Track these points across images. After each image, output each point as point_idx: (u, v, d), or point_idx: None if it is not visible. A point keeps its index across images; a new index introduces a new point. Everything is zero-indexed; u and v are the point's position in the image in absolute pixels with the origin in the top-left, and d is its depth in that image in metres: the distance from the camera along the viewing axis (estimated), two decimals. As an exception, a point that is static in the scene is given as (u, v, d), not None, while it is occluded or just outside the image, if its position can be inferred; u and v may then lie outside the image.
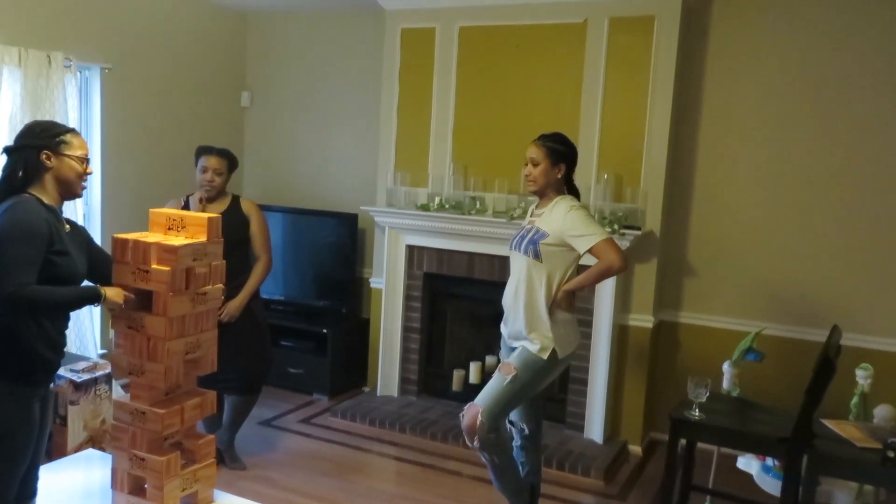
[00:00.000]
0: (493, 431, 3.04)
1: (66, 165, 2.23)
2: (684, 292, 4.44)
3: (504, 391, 3.04)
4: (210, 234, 2.02)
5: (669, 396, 4.33)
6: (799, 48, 4.07)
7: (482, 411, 3.01)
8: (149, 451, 1.99)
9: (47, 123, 2.30)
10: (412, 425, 4.46)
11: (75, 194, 2.31)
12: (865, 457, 2.69)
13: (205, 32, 5.34)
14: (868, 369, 3.31)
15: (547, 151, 3.07)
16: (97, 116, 4.64)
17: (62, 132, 2.25)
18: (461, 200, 4.50)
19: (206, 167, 3.71)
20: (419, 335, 4.82)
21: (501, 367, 3.10)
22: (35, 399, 2.20)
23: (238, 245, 3.67)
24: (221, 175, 3.74)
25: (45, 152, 2.20)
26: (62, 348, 2.30)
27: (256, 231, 3.81)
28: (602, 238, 2.95)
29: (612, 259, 2.93)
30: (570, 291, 3.05)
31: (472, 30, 4.53)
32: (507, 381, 3.03)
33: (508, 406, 3.09)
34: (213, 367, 2.14)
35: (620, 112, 4.20)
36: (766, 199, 4.21)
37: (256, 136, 5.70)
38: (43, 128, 2.26)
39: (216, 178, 3.71)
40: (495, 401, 3.03)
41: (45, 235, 2.12)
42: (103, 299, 2.08)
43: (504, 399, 3.05)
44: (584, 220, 3.01)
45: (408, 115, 4.75)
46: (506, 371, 3.05)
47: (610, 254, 2.93)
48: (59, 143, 2.22)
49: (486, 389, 3.09)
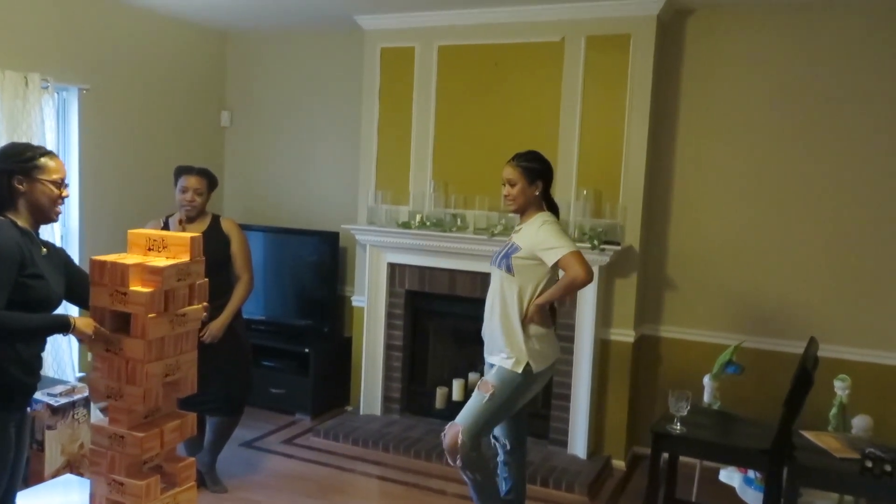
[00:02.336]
0: (475, 450, 3.04)
1: (38, 190, 2.21)
2: (664, 306, 4.47)
3: (483, 409, 3.05)
4: (193, 253, 2.02)
5: (652, 410, 4.35)
6: (773, 62, 4.14)
7: (463, 430, 3.02)
8: (128, 476, 1.97)
9: (22, 146, 2.29)
10: (395, 444, 4.44)
11: (49, 219, 2.29)
12: (844, 467, 2.72)
13: (184, 52, 5.34)
14: (846, 380, 3.35)
15: (522, 171, 3.11)
16: (75, 137, 4.61)
17: (36, 156, 2.24)
18: (442, 218, 4.51)
19: (186, 187, 3.69)
20: (401, 353, 4.81)
21: (480, 384, 3.12)
22: (10, 423, 2.17)
23: (219, 265, 3.65)
24: (202, 195, 3.72)
25: (17, 177, 2.19)
26: (38, 371, 2.27)
27: (237, 250, 3.79)
28: (568, 251, 2.98)
29: (576, 272, 2.95)
30: (541, 305, 3.07)
31: (451, 49, 4.57)
32: (486, 398, 3.04)
33: (489, 424, 3.10)
34: (193, 389, 2.13)
35: (599, 128, 4.25)
36: (744, 212, 4.26)
37: (236, 156, 5.69)
38: (17, 151, 2.25)
39: (196, 198, 3.70)
40: (475, 419, 3.04)
41: (15, 258, 2.10)
42: (72, 328, 2.06)
43: (484, 417, 3.05)
44: (555, 233, 3.04)
45: (388, 134, 4.77)
46: (484, 389, 3.07)
47: (575, 266, 2.95)
48: (33, 168, 2.21)
49: (466, 408, 3.11)
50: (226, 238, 3.77)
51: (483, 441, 3.12)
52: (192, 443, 3.79)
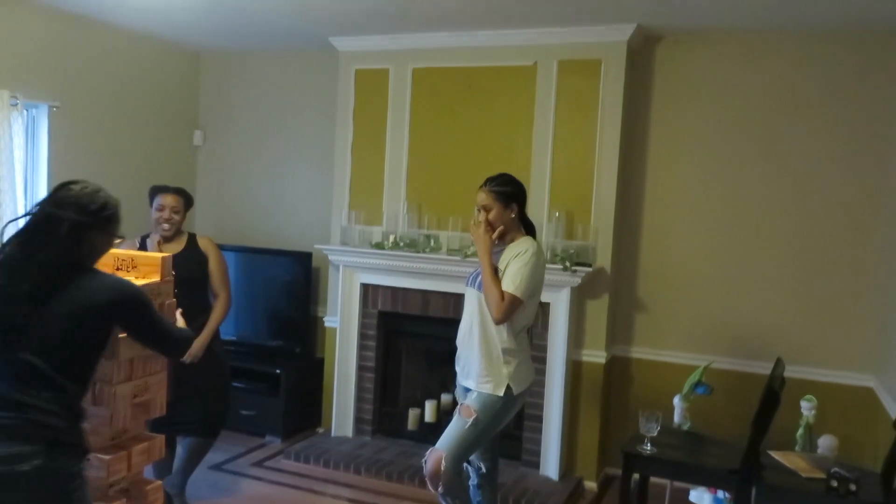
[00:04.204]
0: (457, 475, 3.04)
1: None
2: (635, 327, 4.51)
3: (466, 434, 3.03)
4: (163, 273, 2.01)
5: (623, 431, 4.37)
6: (741, 86, 4.23)
7: (445, 456, 3.00)
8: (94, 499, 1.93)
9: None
10: (367, 466, 4.41)
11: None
12: (811, 487, 2.76)
13: (156, 71, 5.31)
14: (812, 400, 3.41)
15: (496, 196, 3.12)
16: (44, 155, 4.55)
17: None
18: (415, 239, 4.52)
19: (163, 205, 3.67)
20: (374, 374, 4.79)
21: (461, 409, 3.10)
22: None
23: (197, 284, 3.63)
24: (178, 213, 3.70)
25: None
26: None
27: (215, 268, 3.77)
28: (513, 294, 2.99)
29: (495, 308, 3.00)
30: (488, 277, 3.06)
31: (425, 71, 4.61)
32: (469, 423, 3.03)
33: (471, 449, 3.10)
34: (162, 411, 2.11)
35: (571, 151, 4.30)
36: (713, 234, 4.33)
37: (209, 176, 5.66)
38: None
39: (174, 216, 3.68)
40: (458, 444, 3.03)
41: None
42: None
43: (467, 442, 3.05)
44: (528, 274, 3.02)
45: (362, 155, 4.79)
46: (466, 414, 3.05)
47: (501, 305, 2.98)
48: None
49: (447, 433, 3.08)
50: (203, 256, 3.75)
51: (462, 466, 3.11)
52: (161, 464, 3.71)
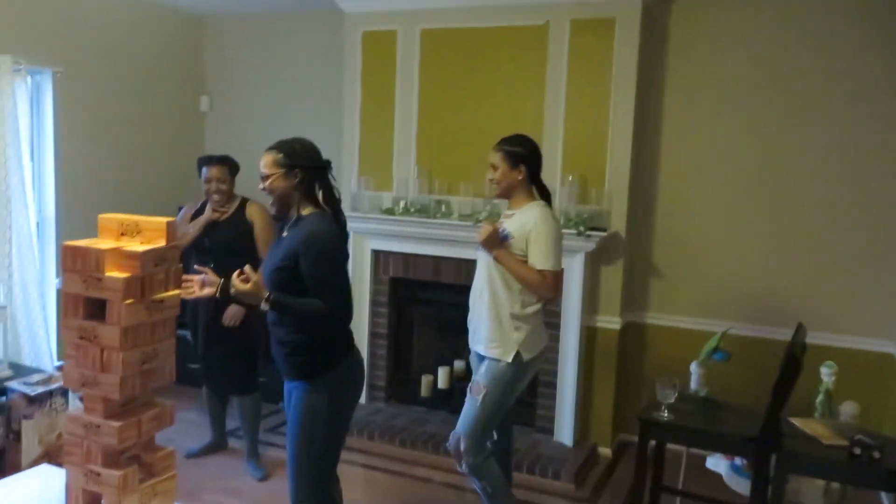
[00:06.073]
0: (480, 455, 3.04)
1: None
2: (651, 293, 4.45)
3: (479, 412, 3.04)
4: (168, 238, 1.95)
5: (638, 398, 4.33)
6: (759, 47, 4.12)
7: (463, 437, 3.02)
8: (104, 466, 1.90)
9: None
10: (381, 432, 4.40)
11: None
12: (832, 454, 2.70)
13: (161, 36, 5.22)
14: (832, 367, 3.34)
15: (504, 155, 3.07)
16: (49, 121, 4.50)
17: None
18: (426, 204, 4.46)
19: (209, 177, 3.80)
20: (386, 341, 4.76)
21: (472, 387, 3.10)
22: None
23: (232, 251, 3.69)
24: (224, 183, 3.81)
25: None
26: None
27: (259, 236, 3.84)
28: (553, 269, 2.98)
29: (546, 291, 2.99)
30: (497, 253, 3.04)
31: (433, 32, 4.49)
32: (479, 401, 3.03)
33: (488, 425, 3.09)
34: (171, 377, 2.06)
35: (583, 113, 4.20)
36: (730, 198, 4.24)
37: (217, 142, 5.59)
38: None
39: (220, 187, 3.80)
40: (473, 423, 3.04)
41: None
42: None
43: (482, 420, 3.04)
44: (551, 241, 3.00)
45: (371, 119, 4.70)
46: (476, 391, 3.05)
47: (549, 286, 2.98)
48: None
49: (462, 414, 3.09)
50: (248, 224, 3.83)
51: (488, 448, 3.10)
52: (215, 420, 4.14)
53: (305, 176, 2.66)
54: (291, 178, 2.65)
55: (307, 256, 2.55)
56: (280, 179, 2.65)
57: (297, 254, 2.56)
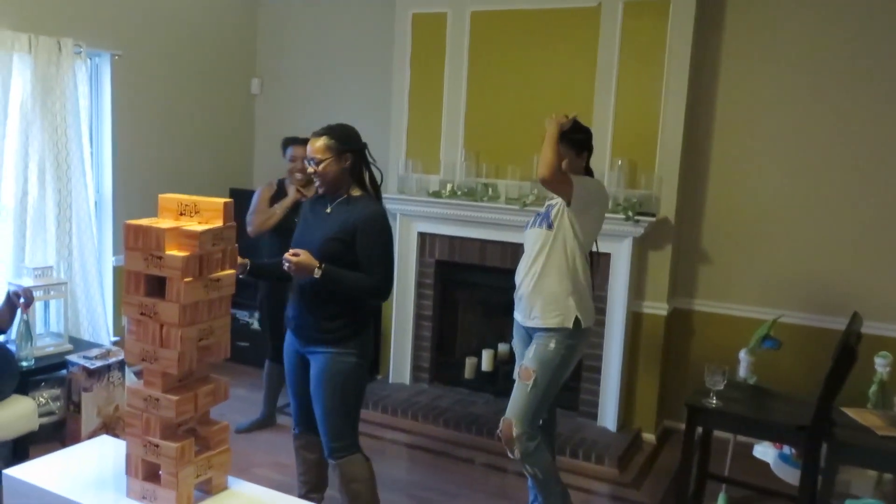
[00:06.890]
0: (532, 440, 3.02)
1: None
2: (699, 279, 4.39)
3: (530, 396, 3.03)
4: (225, 218, 2.00)
5: (683, 384, 4.29)
6: (817, 34, 4.00)
7: (514, 423, 3.01)
8: (162, 438, 1.97)
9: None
10: (425, 413, 4.45)
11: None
12: (886, 445, 2.66)
13: (215, 19, 5.31)
14: (887, 357, 3.27)
15: (570, 143, 3.09)
16: (108, 103, 4.62)
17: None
18: (473, 187, 4.46)
19: (295, 156, 3.99)
20: (431, 323, 4.80)
21: (521, 372, 3.09)
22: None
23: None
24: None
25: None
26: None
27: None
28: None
29: (543, 169, 2.94)
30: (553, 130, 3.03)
31: (483, 14, 4.47)
32: (530, 386, 3.02)
33: (539, 409, 3.08)
34: (226, 354, 2.12)
35: (634, 97, 4.15)
36: (784, 185, 4.15)
37: (267, 124, 5.67)
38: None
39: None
40: (524, 407, 3.03)
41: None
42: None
43: (533, 404, 3.04)
44: (581, 178, 3.06)
45: (419, 102, 4.71)
46: (525, 376, 3.04)
47: (552, 168, 2.94)
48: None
49: (512, 399, 3.09)
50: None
51: (540, 436, 3.08)
52: (272, 396, 4.31)
53: (356, 159, 2.77)
54: (343, 161, 2.77)
55: (368, 233, 2.73)
56: (332, 164, 2.76)
57: (354, 229, 2.73)
